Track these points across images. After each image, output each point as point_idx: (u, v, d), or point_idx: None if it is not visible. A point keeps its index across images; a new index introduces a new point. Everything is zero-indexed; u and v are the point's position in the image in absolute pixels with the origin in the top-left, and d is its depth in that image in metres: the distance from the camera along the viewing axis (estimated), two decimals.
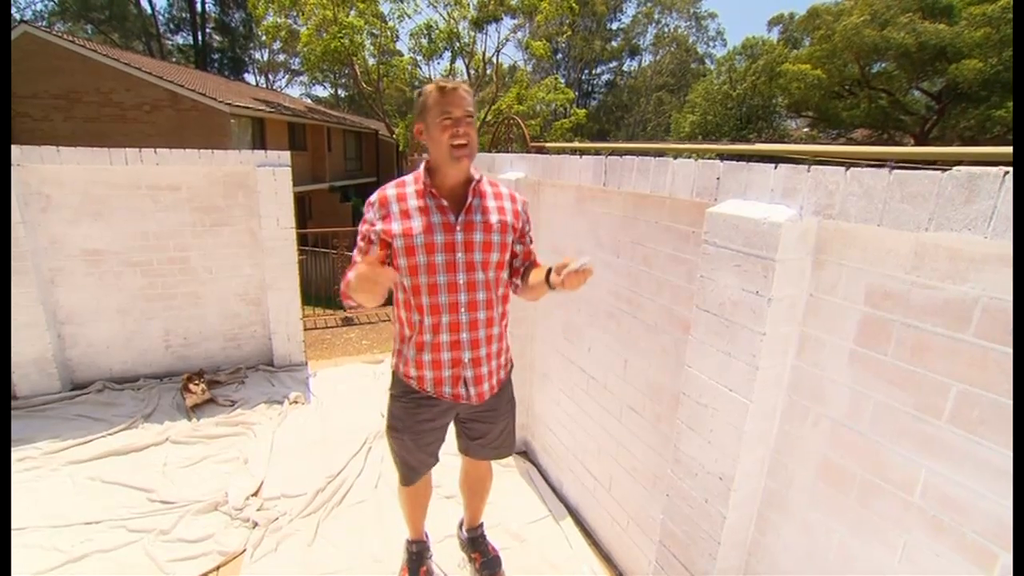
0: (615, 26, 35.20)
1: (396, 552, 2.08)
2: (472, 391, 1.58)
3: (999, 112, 13.46)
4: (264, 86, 30.00)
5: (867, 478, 1.09)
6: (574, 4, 14.72)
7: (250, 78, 32.05)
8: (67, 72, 11.94)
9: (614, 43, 35.01)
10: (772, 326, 1.18)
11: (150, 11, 27.63)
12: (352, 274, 1.33)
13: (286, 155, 3.60)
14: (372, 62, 14.97)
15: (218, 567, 2.06)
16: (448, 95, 1.36)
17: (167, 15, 28.85)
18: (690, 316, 1.43)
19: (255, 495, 2.47)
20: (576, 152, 2.18)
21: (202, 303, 3.69)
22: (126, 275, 3.46)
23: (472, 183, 1.48)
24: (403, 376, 1.61)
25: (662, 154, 1.67)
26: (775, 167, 1.19)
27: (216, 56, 29.99)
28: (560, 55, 32.47)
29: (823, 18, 17.04)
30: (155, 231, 3.46)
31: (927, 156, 1.62)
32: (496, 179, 2.59)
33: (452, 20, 14.46)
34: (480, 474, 1.95)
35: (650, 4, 33.66)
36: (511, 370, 1.76)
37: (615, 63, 36.14)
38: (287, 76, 34.69)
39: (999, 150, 1.28)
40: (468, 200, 1.46)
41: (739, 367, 1.25)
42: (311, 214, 17.18)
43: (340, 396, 3.49)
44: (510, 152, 3.50)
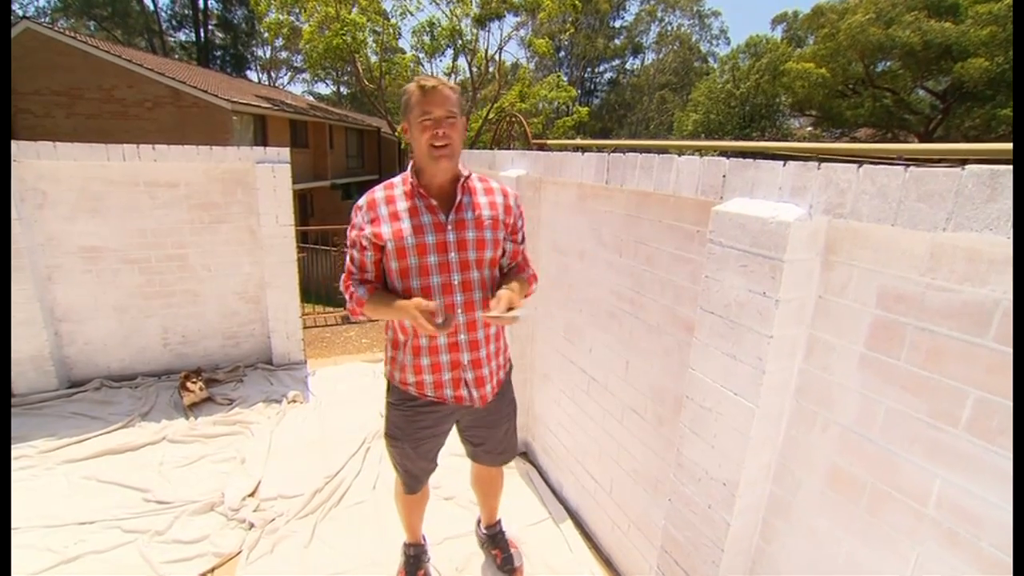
0: (618, 24, 35.08)
1: (394, 554, 2.05)
2: (475, 393, 1.55)
3: (1005, 111, 13.36)
4: (266, 83, 29.96)
5: (878, 487, 1.06)
6: (577, 2, 14.62)
7: (252, 75, 32.03)
8: (69, 68, 11.92)
9: (617, 41, 34.89)
10: (779, 328, 1.15)
11: (152, 8, 27.67)
12: (400, 315, 1.36)
13: (285, 152, 3.57)
14: (374, 59, 14.91)
15: (213, 569, 2.03)
16: (429, 95, 1.32)
17: (169, 12, 28.85)
18: (694, 317, 1.39)
19: (252, 495, 2.44)
20: (578, 149, 2.14)
21: (200, 301, 3.66)
22: (124, 272, 3.43)
23: (460, 180, 1.45)
24: (400, 384, 1.57)
25: (666, 151, 1.63)
26: (784, 164, 1.16)
27: (218, 53, 29.97)
28: (563, 53, 32.36)
29: (827, 16, 16.93)
30: (153, 228, 3.43)
31: (937, 153, 1.58)
32: (495, 176, 2.56)
33: (454, 17, 14.40)
34: (491, 474, 1.94)
35: (653, 2, 33.53)
36: (510, 371, 1.73)
37: (618, 61, 36.02)
38: (289, 73, 34.67)
39: (1010, 147, 1.24)
40: (457, 198, 1.43)
41: (745, 370, 1.22)
42: (312, 212, 17.16)
43: (339, 395, 3.47)
44: (512, 149, 3.46)
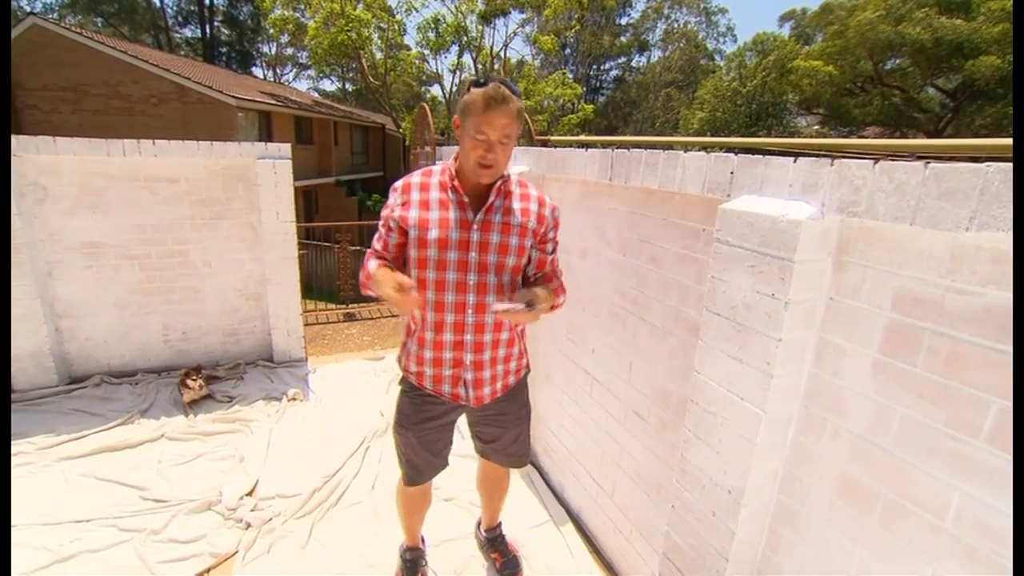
0: (624, 21, 34.88)
1: (391, 557, 2.02)
2: (471, 393, 1.53)
3: None
4: (271, 80, 30.00)
5: (891, 498, 1.01)
6: None
7: (258, 72, 32.09)
8: (75, 64, 11.96)
9: (623, 38, 34.69)
10: (788, 331, 1.10)
11: (159, 4, 27.70)
12: (377, 286, 1.33)
13: (286, 147, 3.54)
14: (379, 56, 14.89)
15: (209, 569, 2.00)
16: (491, 114, 1.26)
17: (175, 8, 28.88)
18: (699, 319, 1.35)
19: (250, 494, 2.41)
20: (582, 146, 2.10)
21: (201, 297, 3.64)
22: (124, 268, 3.41)
23: (498, 182, 1.41)
24: (404, 371, 1.57)
25: (671, 148, 1.58)
26: (795, 160, 1.11)
27: (224, 49, 30.02)
28: (568, 50, 32.21)
29: (836, 13, 16.76)
30: (153, 224, 3.41)
31: (951, 149, 1.53)
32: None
33: (460, 14, 14.35)
34: (498, 475, 1.90)
35: None
36: (526, 375, 1.68)
37: (624, 59, 35.82)
38: (294, 70, 34.71)
39: None
40: (491, 200, 1.40)
41: (752, 374, 1.17)
42: (317, 208, 17.18)
43: (339, 393, 3.44)
44: (516, 145, 3.42)
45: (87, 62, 11.97)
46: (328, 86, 36.15)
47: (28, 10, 21.01)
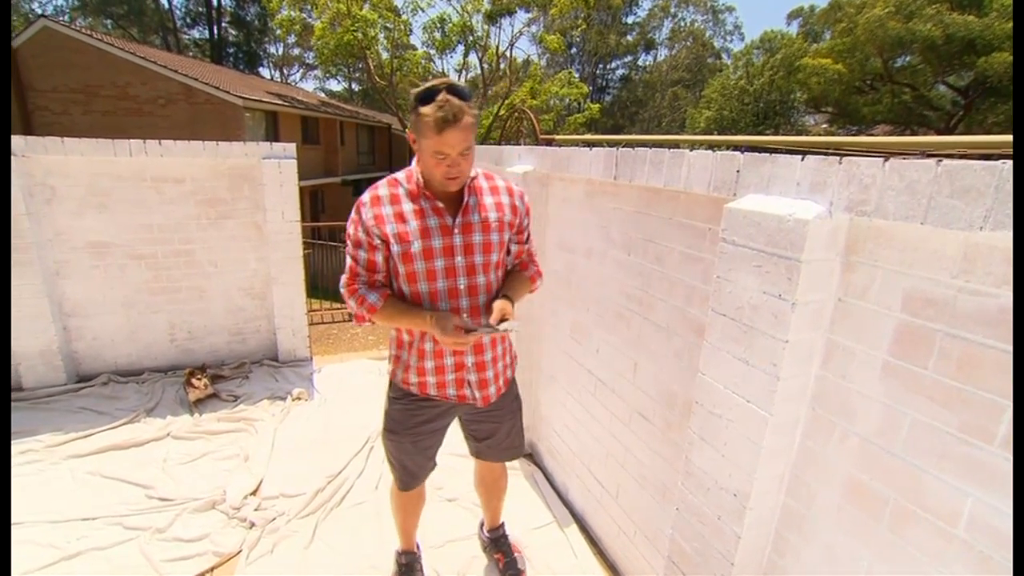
0: (630, 20, 34.75)
1: (392, 558, 2.01)
2: (478, 394, 1.53)
3: None
4: (278, 80, 30.18)
5: (901, 504, 0.99)
6: None
7: (265, 72, 32.28)
8: (85, 66, 12.07)
9: (629, 37, 34.56)
10: (795, 333, 1.08)
11: (167, 6, 27.93)
12: (412, 321, 1.37)
13: (291, 147, 3.55)
14: (385, 56, 14.92)
15: (212, 568, 2.01)
16: (446, 135, 1.21)
17: (184, 9, 29.10)
18: (705, 319, 1.33)
19: (254, 494, 2.42)
20: (587, 145, 2.08)
21: (207, 297, 3.66)
22: (131, 268, 3.43)
23: (467, 182, 1.38)
24: (402, 383, 1.54)
25: (677, 146, 1.56)
26: (802, 159, 1.09)
27: (231, 50, 30.20)
28: (574, 49, 32.14)
29: (845, 10, 16.59)
30: (160, 224, 3.43)
31: (962, 146, 1.49)
32: (502, 173, 2.51)
33: (465, 13, 14.34)
34: (494, 475, 1.89)
35: None
36: (515, 367, 1.69)
37: (630, 57, 35.70)
38: (301, 70, 34.89)
39: None
40: (464, 200, 1.38)
41: (758, 376, 1.15)
42: (323, 208, 17.25)
43: (344, 393, 3.44)
44: (521, 145, 3.40)
45: (97, 64, 12.08)
46: (334, 86, 36.32)
47: (39, 12, 21.26)
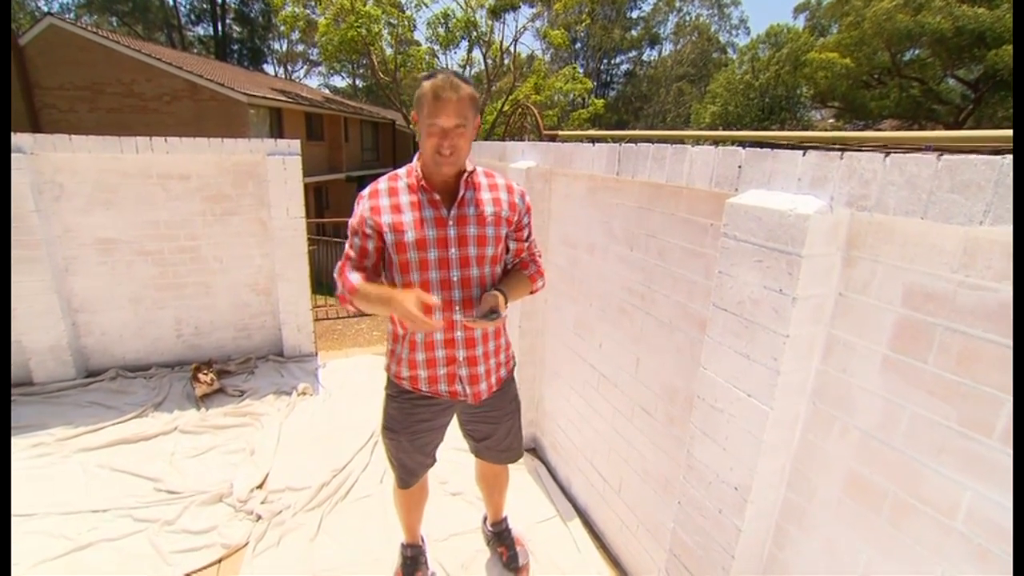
0: (635, 14, 34.51)
1: (397, 551, 2.04)
2: (468, 390, 1.53)
3: None
4: (282, 76, 30.21)
5: (900, 496, 0.99)
6: None
7: (269, 68, 32.33)
8: (91, 64, 12.12)
9: (634, 32, 34.34)
10: (796, 327, 1.09)
11: (172, 3, 27.97)
12: (376, 304, 1.33)
13: (296, 144, 3.56)
14: (389, 52, 14.90)
15: (220, 560, 2.04)
16: (440, 104, 1.27)
17: (188, 6, 29.14)
18: (706, 314, 1.33)
19: (260, 487, 2.45)
20: (590, 140, 2.08)
21: (212, 293, 3.69)
22: (138, 264, 3.47)
23: (464, 175, 1.41)
24: (395, 377, 1.55)
25: (681, 142, 1.56)
26: (803, 154, 1.09)
27: (236, 47, 30.25)
28: (578, 44, 31.98)
29: (852, 4, 16.39)
30: (166, 220, 3.46)
31: (969, 140, 1.49)
32: (505, 168, 2.51)
33: (469, 9, 14.28)
34: (495, 471, 1.91)
35: None
36: (513, 368, 1.69)
37: (635, 52, 35.48)
38: (305, 66, 34.91)
39: None
40: (461, 193, 1.40)
41: (759, 371, 1.16)
42: (327, 204, 17.29)
43: (349, 388, 3.47)
44: (525, 141, 3.40)
45: (102, 61, 12.13)
46: (338, 82, 36.31)
47: (46, 10, 21.36)
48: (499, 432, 1.71)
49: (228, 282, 3.71)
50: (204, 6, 28.85)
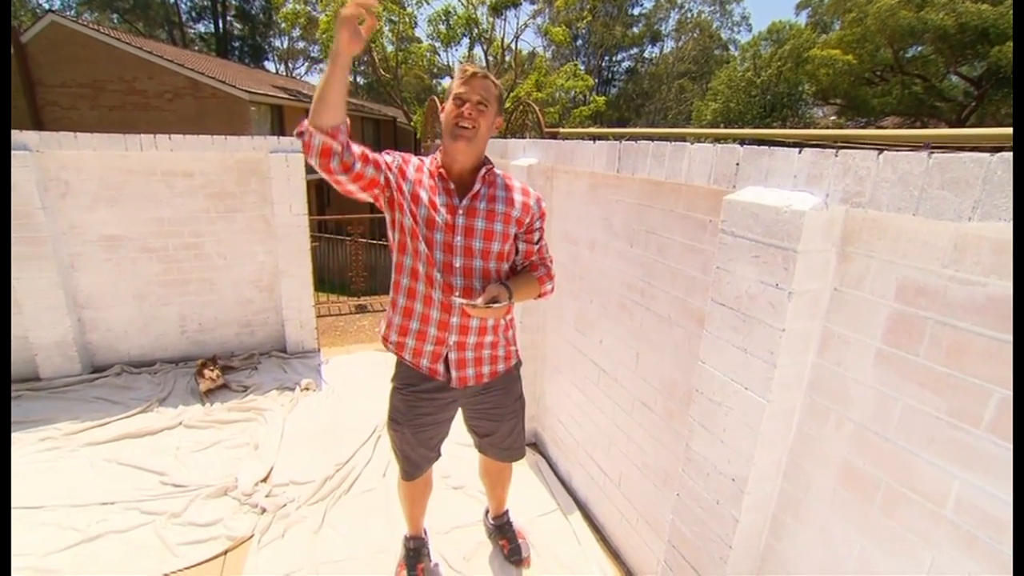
0: (636, 11, 34.41)
1: (400, 542, 2.07)
2: (453, 374, 1.53)
3: None
4: (283, 74, 30.21)
5: (893, 486, 1.02)
6: None
7: (270, 66, 32.34)
8: (93, 61, 12.15)
9: (635, 29, 34.25)
10: (792, 322, 1.11)
11: (172, 0, 27.96)
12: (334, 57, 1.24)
13: (299, 141, 3.58)
14: (390, 49, 14.89)
15: (226, 551, 2.07)
16: (469, 79, 1.37)
17: (189, 3, 29.13)
18: (705, 309, 1.36)
19: (264, 481, 2.48)
20: (591, 138, 2.10)
21: (216, 289, 3.72)
22: (142, 261, 3.50)
23: (482, 170, 1.46)
24: (383, 340, 1.59)
25: (683, 140, 1.58)
26: (799, 151, 1.11)
27: (236, 44, 30.25)
28: (580, 41, 31.91)
29: (855, 0, 16.34)
30: (170, 217, 3.49)
31: (968, 139, 1.50)
32: (509, 166, 2.53)
33: (470, 6, 14.27)
34: (498, 466, 1.93)
35: None
36: (517, 367, 1.70)
37: (636, 49, 35.40)
38: (306, 64, 34.87)
39: None
40: (476, 187, 1.44)
41: (756, 364, 1.18)
42: (329, 201, 17.30)
43: (351, 383, 3.50)
44: (526, 138, 3.42)
45: (104, 58, 12.16)
46: None
47: (47, 7, 21.36)
48: (502, 430, 1.73)
49: (232, 279, 3.74)
50: (205, 3, 28.85)
